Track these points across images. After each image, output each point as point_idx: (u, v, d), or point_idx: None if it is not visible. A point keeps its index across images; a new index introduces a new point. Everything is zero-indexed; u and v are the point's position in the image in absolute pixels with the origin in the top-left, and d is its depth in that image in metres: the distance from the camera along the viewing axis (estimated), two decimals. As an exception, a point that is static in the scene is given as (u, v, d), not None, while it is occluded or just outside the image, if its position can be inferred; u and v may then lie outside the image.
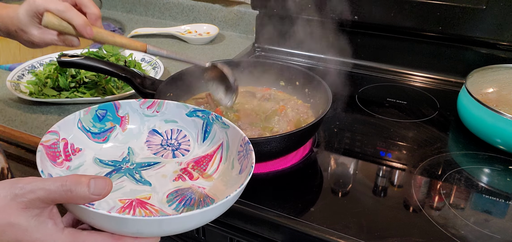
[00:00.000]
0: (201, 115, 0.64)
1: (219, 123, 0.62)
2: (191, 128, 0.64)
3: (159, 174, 0.59)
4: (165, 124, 0.65)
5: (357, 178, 0.75)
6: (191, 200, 0.55)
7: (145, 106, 0.63)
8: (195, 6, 1.48)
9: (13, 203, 0.39)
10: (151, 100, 0.64)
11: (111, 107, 0.61)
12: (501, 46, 1.02)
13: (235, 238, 0.69)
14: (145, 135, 0.64)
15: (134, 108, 0.63)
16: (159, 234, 0.45)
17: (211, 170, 0.61)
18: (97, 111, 0.60)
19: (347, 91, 1.05)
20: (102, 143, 0.60)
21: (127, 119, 0.63)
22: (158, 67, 1.09)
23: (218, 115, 0.63)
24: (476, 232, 0.62)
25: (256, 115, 0.85)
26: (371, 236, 0.60)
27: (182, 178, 0.59)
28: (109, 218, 0.41)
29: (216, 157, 0.62)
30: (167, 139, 0.64)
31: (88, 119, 0.59)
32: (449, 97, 1.01)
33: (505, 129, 0.76)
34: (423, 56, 1.11)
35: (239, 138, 0.59)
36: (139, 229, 0.43)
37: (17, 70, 1.03)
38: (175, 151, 0.63)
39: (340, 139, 0.85)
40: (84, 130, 0.59)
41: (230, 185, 0.53)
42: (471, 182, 0.73)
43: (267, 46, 1.27)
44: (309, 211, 0.65)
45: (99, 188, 0.41)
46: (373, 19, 1.10)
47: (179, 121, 0.65)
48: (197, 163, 0.62)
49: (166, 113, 0.64)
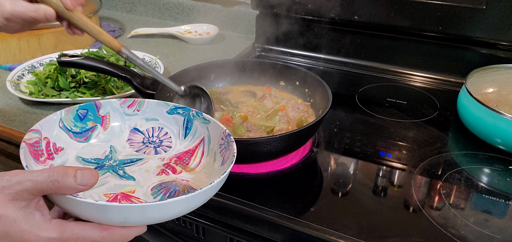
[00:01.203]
0: (181, 112, 0.65)
1: (199, 119, 0.64)
2: (172, 125, 0.66)
3: (142, 169, 0.60)
4: (146, 122, 0.66)
5: (357, 178, 0.75)
6: (175, 192, 0.55)
7: (126, 106, 0.64)
8: (195, 6, 1.48)
9: (0, 195, 0.39)
10: (132, 100, 0.64)
11: (92, 107, 0.62)
12: (501, 46, 1.02)
13: (235, 238, 0.69)
14: (126, 134, 0.64)
15: (115, 107, 0.64)
16: (145, 221, 0.46)
17: (193, 163, 0.62)
18: (78, 111, 0.61)
19: (347, 91, 1.05)
20: (84, 142, 0.61)
21: (108, 119, 0.64)
22: (158, 67, 1.09)
23: (199, 111, 0.64)
24: (476, 232, 0.62)
25: (258, 115, 0.85)
26: (371, 236, 0.60)
27: (165, 172, 0.60)
28: (95, 207, 0.42)
29: (198, 151, 0.63)
30: (149, 137, 0.65)
31: (69, 119, 0.60)
32: (449, 97, 1.01)
33: (505, 129, 0.76)
34: (423, 56, 1.11)
35: (220, 132, 0.61)
36: (125, 216, 0.43)
37: (17, 70, 1.03)
38: (157, 148, 0.64)
39: (340, 139, 0.85)
40: (65, 129, 0.59)
41: (213, 176, 0.54)
42: (471, 182, 0.73)
43: (267, 46, 1.27)
44: (309, 211, 0.65)
45: (85, 178, 0.42)
46: (373, 19, 1.10)
47: (160, 119, 0.66)
48: (179, 158, 0.63)
49: (147, 112, 0.65)
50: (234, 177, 0.73)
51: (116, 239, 0.44)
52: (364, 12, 1.10)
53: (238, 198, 0.67)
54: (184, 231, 0.74)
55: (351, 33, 1.15)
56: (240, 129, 0.79)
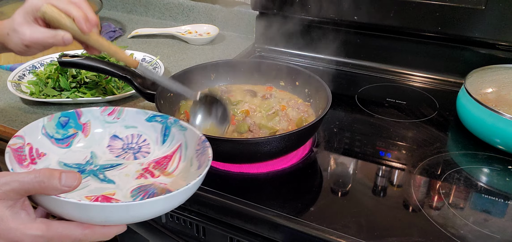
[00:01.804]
0: (160, 120, 0.68)
1: (177, 126, 0.67)
2: (150, 132, 0.68)
3: (122, 173, 0.62)
4: (125, 129, 0.68)
5: (356, 177, 0.75)
6: (154, 194, 0.58)
7: (106, 114, 0.67)
8: (195, 6, 1.48)
9: None
10: (112, 108, 0.67)
11: (74, 115, 0.64)
12: (500, 47, 1.03)
13: (235, 237, 0.69)
14: (106, 140, 0.67)
15: (95, 115, 0.66)
16: (127, 220, 0.48)
17: (171, 168, 0.64)
18: (60, 119, 0.63)
19: (347, 91, 1.05)
20: (66, 148, 0.63)
21: (89, 126, 0.66)
22: (159, 68, 1.09)
23: (176, 119, 0.67)
24: (476, 231, 0.62)
25: (259, 113, 0.85)
26: (371, 236, 0.60)
27: (144, 176, 0.62)
28: (78, 206, 0.44)
29: (176, 156, 0.66)
30: (128, 143, 0.67)
31: (51, 126, 0.62)
32: (448, 98, 1.01)
33: (504, 129, 0.77)
34: (423, 56, 1.11)
35: (196, 138, 0.64)
36: (107, 215, 0.46)
37: (18, 71, 1.03)
38: (136, 154, 0.66)
39: (340, 139, 0.85)
40: (48, 136, 0.61)
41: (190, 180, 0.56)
42: (470, 182, 0.73)
43: (267, 47, 1.27)
44: (309, 211, 0.65)
45: (69, 180, 0.44)
46: (373, 19, 1.10)
47: (139, 126, 0.68)
48: (157, 163, 0.65)
49: (126, 119, 0.68)
50: (234, 177, 0.74)
51: (98, 237, 0.46)
52: (364, 12, 1.10)
53: (238, 197, 0.67)
54: (184, 231, 0.74)
55: (351, 33, 1.16)
56: (243, 126, 0.80)
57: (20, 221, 0.43)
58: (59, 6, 0.64)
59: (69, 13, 0.64)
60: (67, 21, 0.64)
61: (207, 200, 0.69)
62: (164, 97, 0.83)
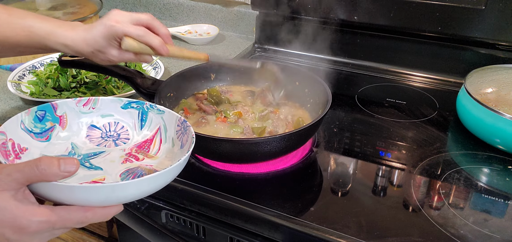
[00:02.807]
0: (135, 106, 0.69)
1: (154, 110, 0.68)
2: (127, 118, 0.69)
3: (107, 160, 0.63)
4: (102, 118, 0.69)
5: (356, 177, 0.75)
6: (143, 175, 0.59)
7: (81, 104, 0.67)
8: (195, 6, 1.48)
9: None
10: (86, 98, 0.67)
11: (49, 108, 0.64)
12: (500, 47, 1.03)
13: (236, 237, 0.69)
14: (84, 131, 0.67)
15: (70, 107, 0.66)
16: (123, 199, 0.50)
17: (153, 151, 0.66)
18: (37, 113, 0.63)
19: (347, 91, 1.05)
20: (45, 141, 0.63)
21: (66, 118, 0.66)
22: (159, 67, 1.09)
23: (152, 104, 0.68)
24: (475, 231, 0.62)
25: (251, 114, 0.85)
26: (371, 236, 0.60)
27: (129, 160, 0.64)
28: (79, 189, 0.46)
29: (156, 139, 0.67)
30: (107, 132, 0.68)
31: (29, 121, 0.62)
32: (448, 98, 1.01)
33: (504, 128, 0.77)
34: (423, 56, 1.11)
35: (175, 119, 0.65)
36: (106, 196, 0.48)
37: (18, 71, 1.03)
38: (116, 141, 0.68)
39: (340, 139, 0.85)
40: (27, 130, 0.61)
41: (175, 159, 0.57)
42: (470, 182, 0.73)
43: (267, 46, 1.27)
44: (309, 211, 0.65)
45: (68, 166, 0.46)
46: (373, 20, 1.10)
47: (115, 114, 0.69)
48: (139, 147, 0.67)
49: (102, 109, 0.68)
50: (235, 176, 0.74)
51: (98, 218, 0.49)
52: (364, 12, 1.10)
53: (238, 197, 0.67)
54: (184, 231, 0.74)
55: (351, 33, 1.16)
56: (235, 127, 0.80)
57: (25, 209, 0.45)
58: (138, 39, 0.69)
59: (148, 44, 0.70)
60: (148, 50, 0.71)
61: (207, 200, 0.69)
62: (164, 97, 0.83)
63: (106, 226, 0.89)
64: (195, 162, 0.77)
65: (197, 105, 0.88)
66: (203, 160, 0.77)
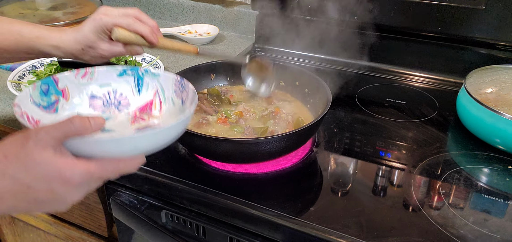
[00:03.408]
0: (131, 73, 0.71)
1: (149, 75, 0.71)
2: (124, 86, 0.72)
3: (116, 123, 0.67)
4: (100, 88, 0.71)
5: (356, 177, 0.75)
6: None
7: (80, 76, 0.69)
8: (195, 6, 1.48)
9: (34, 147, 0.47)
10: (84, 70, 0.69)
11: (51, 81, 0.66)
12: (500, 47, 1.03)
13: (235, 237, 0.69)
14: (86, 101, 0.70)
15: (70, 79, 0.68)
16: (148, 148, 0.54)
17: (156, 111, 0.70)
18: (41, 87, 0.65)
19: (347, 91, 1.05)
20: (54, 113, 0.65)
21: (67, 91, 0.68)
22: (159, 67, 1.09)
23: (147, 69, 0.71)
24: (475, 231, 0.62)
25: (253, 114, 0.85)
26: (371, 236, 0.60)
27: (137, 121, 0.68)
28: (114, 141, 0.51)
29: (156, 101, 0.71)
30: (107, 100, 0.71)
31: (36, 95, 0.64)
32: (448, 98, 1.01)
33: (504, 129, 0.77)
34: (423, 56, 1.11)
35: (171, 80, 0.69)
36: (135, 145, 0.52)
37: (18, 70, 1.03)
38: (118, 107, 0.71)
39: (340, 139, 0.85)
40: (35, 104, 0.63)
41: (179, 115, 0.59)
42: (470, 182, 0.73)
43: (267, 46, 1.27)
44: (309, 211, 0.66)
45: (97, 123, 0.50)
46: (373, 19, 1.10)
47: (113, 83, 0.71)
48: (142, 110, 0.70)
49: (99, 79, 0.70)
50: (235, 176, 0.74)
51: (128, 169, 0.53)
52: (363, 12, 1.10)
53: (238, 197, 0.68)
54: (184, 231, 0.74)
55: (351, 33, 1.16)
56: (236, 127, 0.80)
57: (67, 161, 0.48)
58: (128, 27, 0.71)
59: (137, 32, 0.72)
60: (138, 39, 0.73)
61: (207, 200, 0.69)
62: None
63: (106, 226, 0.89)
64: (195, 162, 0.77)
65: (198, 106, 0.88)
66: (203, 160, 0.77)
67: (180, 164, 0.77)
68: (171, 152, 0.80)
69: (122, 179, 0.78)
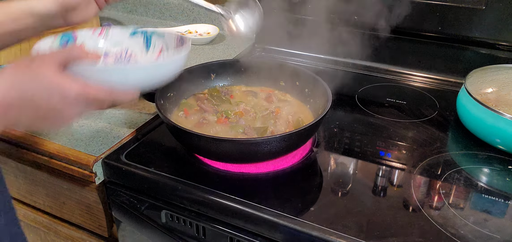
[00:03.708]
0: (140, 33, 0.80)
1: (156, 35, 0.80)
2: (134, 44, 0.80)
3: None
4: (113, 47, 0.79)
5: (357, 177, 0.75)
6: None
7: (97, 34, 0.77)
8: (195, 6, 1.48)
9: (40, 64, 0.53)
10: (100, 28, 0.78)
11: (71, 37, 0.74)
12: (501, 46, 1.03)
13: (235, 237, 0.69)
14: (101, 58, 0.75)
15: (88, 36, 0.76)
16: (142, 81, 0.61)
17: None
18: (62, 39, 0.71)
19: (347, 91, 1.05)
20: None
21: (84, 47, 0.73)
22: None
23: (153, 30, 0.80)
24: (476, 231, 0.62)
25: (253, 114, 0.85)
26: (371, 236, 0.60)
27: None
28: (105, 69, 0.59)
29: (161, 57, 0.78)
30: (119, 58, 0.79)
31: (57, 46, 0.70)
32: (448, 98, 1.01)
33: (505, 129, 0.77)
34: (423, 56, 1.11)
35: (173, 38, 0.78)
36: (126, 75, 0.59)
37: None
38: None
39: (340, 139, 0.85)
40: None
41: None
42: (470, 182, 0.73)
43: (267, 46, 1.27)
44: (309, 211, 0.65)
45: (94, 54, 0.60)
46: (373, 19, 1.10)
47: (124, 42, 0.80)
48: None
49: (113, 38, 0.79)
50: (234, 176, 0.74)
51: (121, 98, 0.59)
52: (363, 12, 1.10)
53: (238, 197, 0.67)
54: (184, 231, 0.74)
55: (350, 33, 1.15)
56: (236, 127, 0.80)
57: (67, 79, 0.54)
58: None
59: None
60: None
61: (207, 200, 0.69)
62: (164, 97, 0.83)
63: (106, 226, 0.89)
64: (195, 162, 0.77)
65: (198, 106, 0.88)
66: (203, 160, 0.77)
67: (180, 164, 0.77)
68: (171, 152, 0.80)
69: (122, 179, 0.78)
